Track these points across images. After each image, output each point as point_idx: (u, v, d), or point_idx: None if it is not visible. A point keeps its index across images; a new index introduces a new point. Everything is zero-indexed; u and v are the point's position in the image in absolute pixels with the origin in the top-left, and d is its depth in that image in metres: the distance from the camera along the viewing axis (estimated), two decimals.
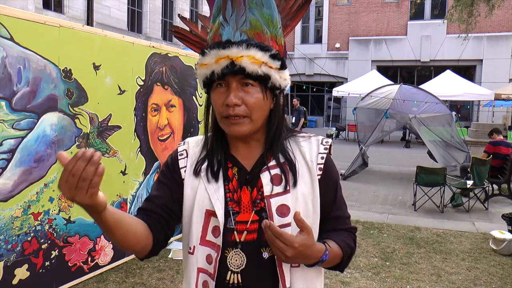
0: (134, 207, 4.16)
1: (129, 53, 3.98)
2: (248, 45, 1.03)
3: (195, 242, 1.12)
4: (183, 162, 1.18)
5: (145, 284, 3.79)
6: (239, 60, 1.02)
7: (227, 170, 1.14)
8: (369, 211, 6.63)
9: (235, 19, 1.05)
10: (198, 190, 1.12)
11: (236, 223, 1.09)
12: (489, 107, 18.47)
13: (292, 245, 0.97)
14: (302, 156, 1.13)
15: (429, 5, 22.99)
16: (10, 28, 2.89)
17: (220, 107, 1.07)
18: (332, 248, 1.09)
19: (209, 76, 1.07)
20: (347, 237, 1.17)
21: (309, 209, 1.10)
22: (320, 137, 1.18)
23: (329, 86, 23.27)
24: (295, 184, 1.10)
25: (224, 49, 1.03)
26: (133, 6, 17.77)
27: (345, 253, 1.14)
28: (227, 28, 1.05)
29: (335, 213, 1.17)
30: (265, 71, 1.05)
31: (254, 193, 1.11)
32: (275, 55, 1.07)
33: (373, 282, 4.02)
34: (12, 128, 2.94)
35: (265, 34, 1.06)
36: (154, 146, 4.36)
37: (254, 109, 1.06)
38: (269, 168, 1.11)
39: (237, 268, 1.08)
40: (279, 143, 1.13)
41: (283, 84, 1.11)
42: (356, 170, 9.55)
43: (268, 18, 1.06)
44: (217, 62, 1.04)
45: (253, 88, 1.06)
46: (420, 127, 9.46)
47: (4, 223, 2.94)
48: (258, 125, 1.09)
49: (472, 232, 5.69)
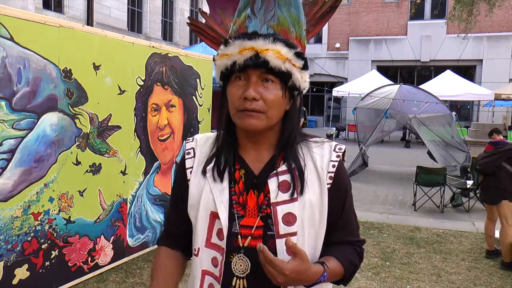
0: (134, 207, 4.16)
1: (129, 53, 3.98)
2: (275, 39, 1.01)
3: (200, 244, 1.10)
4: (189, 162, 1.16)
5: (145, 284, 3.79)
6: (264, 53, 1.00)
7: (234, 171, 1.10)
8: (369, 211, 6.63)
9: (263, 12, 1.03)
10: (204, 191, 1.10)
11: (240, 227, 1.06)
12: (489, 107, 18.46)
13: (282, 272, 0.95)
14: (313, 163, 1.09)
15: (429, 5, 22.98)
16: (10, 28, 2.89)
17: (237, 100, 1.03)
18: (331, 268, 1.05)
19: (230, 67, 1.03)
20: (351, 253, 1.12)
21: (315, 218, 1.07)
22: (333, 143, 1.13)
23: (329, 86, 23.28)
24: (302, 192, 1.06)
25: (250, 40, 1.01)
26: (133, 6, 17.77)
27: (347, 271, 1.09)
28: (254, 20, 1.03)
29: (342, 223, 1.12)
30: (288, 68, 1.02)
31: (261, 198, 1.07)
32: (300, 53, 1.04)
33: (373, 282, 4.02)
34: (12, 128, 2.94)
35: (291, 33, 1.05)
36: (154, 146, 4.36)
37: (271, 106, 1.03)
38: (278, 173, 1.07)
39: (242, 273, 1.06)
40: (292, 148, 1.09)
41: (302, 86, 1.08)
42: (356, 170, 9.55)
43: (295, 18, 1.05)
44: (240, 53, 1.01)
45: (273, 84, 1.03)
46: (420, 127, 9.46)
47: (4, 223, 2.94)
48: (272, 123, 1.06)
49: (472, 232, 5.69)
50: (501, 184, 4.57)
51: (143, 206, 4.29)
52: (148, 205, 4.35)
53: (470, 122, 19.63)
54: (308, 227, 1.06)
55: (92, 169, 3.63)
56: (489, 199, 4.78)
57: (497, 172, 4.62)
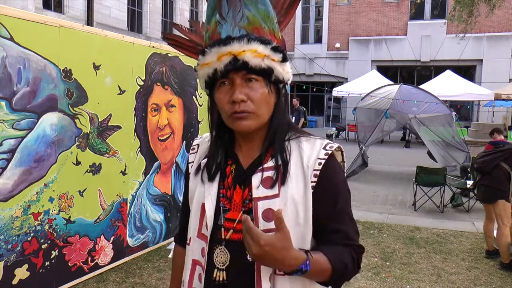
0: (134, 207, 4.16)
1: (129, 53, 3.98)
2: (249, 39, 1.02)
3: (192, 234, 1.15)
4: (192, 157, 1.24)
5: (145, 284, 3.79)
6: (242, 54, 1.01)
7: (226, 167, 1.14)
8: (369, 211, 6.63)
9: (232, 16, 1.03)
10: (198, 184, 1.16)
11: (225, 220, 1.09)
12: (489, 107, 18.46)
13: (258, 241, 0.91)
14: (300, 159, 1.08)
15: (429, 5, 22.97)
16: (10, 28, 2.89)
17: (226, 105, 1.05)
18: (316, 260, 0.99)
19: (212, 75, 1.05)
20: (342, 253, 1.04)
21: (300, 217, 1.04)
22: (326, 141, 1.11)
23: (329, 86, 23.27)
24: (285, 188, 1.05)
25: (226, 46, 1.02)
26: (133, 6, 17.77)
27: (335, 268, 1.01)
28: (225, 25, 1.04)
29: (334, 226, 1.07)
30: (268, 64, 1.03)
31: (245, 193, 1.09)
32: (276, 47, 1.05)
33: (373, 282, 4.02)
34: (12, 128, 2.94)
35: (263, 29, 1.05)
36: (154, 146, 4.36)
37: (260, 104, 1.05)
38: (264, 169, 1.08)
39: (222, 265, 1.08)
40: (280, 142, 1.09)
41: (286, 77, 1.09)
42: (356, 170, 9.55)
43: (264, 14, 1.05)
44: (219, 59, 1.03)
45: (257, 83, 1.04)
46: (420, 127, 9.46)
47: (4, 223, 2.94)
48: (264, 120, 1.08)
49: (472, 232, 5.69)
50: (497, 183, 4.57)
51: (143, 206, 4.29)
52: (148, 205, 4.35)
53: (470, 122, 19.61)
54: (291, 225, 1.01)
55: (92, 169, 3.64)
56: (485, 198, 4.79)
57: (494, 171, 4.63)
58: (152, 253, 4.44)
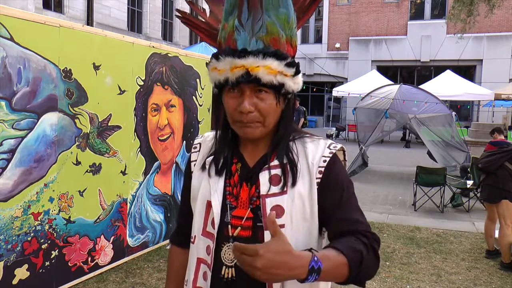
0: (134, 207, 4.16)
1: (129, 53, 3.98)
2: (265, 54, 1.01)
3: (196, 232, 1.15)
4: (194, 156, 1.24)
5: (145, 284, 3.79)
6: (255, 70, 1.01)
7: (231, 165, 1.15)
8: (369, 211, 6.63)
9: (251, 24, 1.02)
10: (203, 182, 1.16)
11: (232, 217, 1.10)
12: (489, 107, 18.47)
13: (256, 253, 0.86)
14: (306, 158, 1.11)
15: (429, 5, 22.98)
16: (10, 28, 2.89)
17: (233, 112, 1.06)
18: (324, 254, 0.94)
19: (223, 81, 1.06)
20: (353, 241, 1.01)
21: (306, 211, 1.07)
22: (329, 141, 1.15)
23: (329, 86, 23.28)
24: (293, 185, 1.07)
25: (240, 59, 1.01)
26: (133, 6, 17.77)
27: (351, 259, 0.96)
28: (242, 33, 1.03)
29: (341, 215, 1.07)
30: (280, 80, 1.04)
31: (252, 190, 1.11)
32: (291, 63, 1.05)
33: (373, 282, 4.02)
34: (12, 128, 2.94)
35: (281, 39, 1.04)
36: (154, 146, 4.36)
37: (267, 115, 1.06)
38: (270, 167, 1.10)
39: (231, 262, 1.09)
40: (285, 143, 1.12)
41: (296, 88, 1.10)
42: (356, 170, 9.55)
43: (284, 18, 1.05)
44: (232, 71, 1.03)
45: (266, 94, 1.05)
46: (420, 127, 9.46)
47: (4, 223, 2.94)
48: (270, 128, 1.10)
49: (472, 232, 5.69)
50: (502, 183, 4.58)
51: (143, 206, 4.29)
52: (148, 205, 4.35)
53: (470, 122, 19.63)
54: (298, 220, 1.06)
55: (92, 169, 3.63)
56: (489, 198, 4.79)
57: (498, 171, 4.64)
58: (152, 253, 4.44)
